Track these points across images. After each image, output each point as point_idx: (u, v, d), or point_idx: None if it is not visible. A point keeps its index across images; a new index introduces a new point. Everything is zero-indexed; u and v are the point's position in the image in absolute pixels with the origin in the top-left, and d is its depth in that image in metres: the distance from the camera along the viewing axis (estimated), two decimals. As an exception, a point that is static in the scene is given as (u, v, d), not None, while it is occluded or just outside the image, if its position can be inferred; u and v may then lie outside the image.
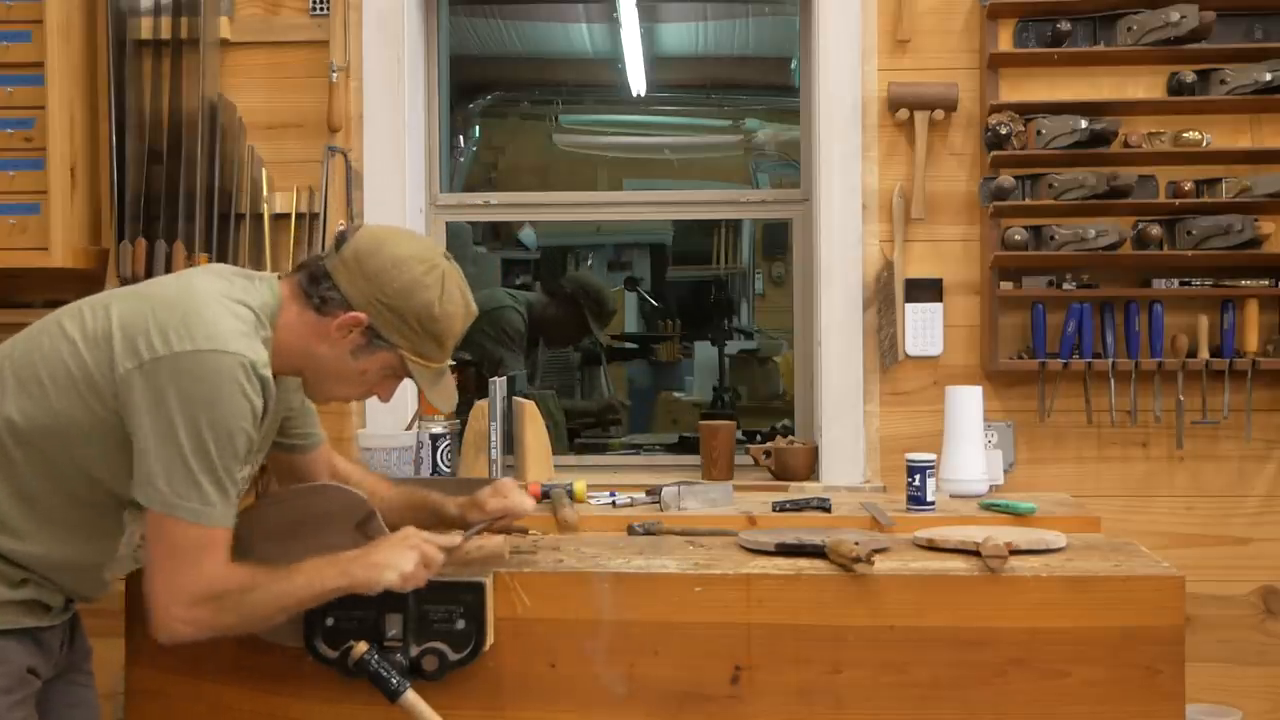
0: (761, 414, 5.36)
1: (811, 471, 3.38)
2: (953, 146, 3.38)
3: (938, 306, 3.37)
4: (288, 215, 3.40)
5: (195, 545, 1.89)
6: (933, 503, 2.70)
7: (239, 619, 1.96)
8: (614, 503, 2.82)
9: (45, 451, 1.93)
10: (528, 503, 2.32)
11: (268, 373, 1.95)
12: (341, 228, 2.06)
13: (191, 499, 1.88)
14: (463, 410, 3.38)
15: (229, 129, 3.40)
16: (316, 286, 2.04)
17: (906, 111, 3.34)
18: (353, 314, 2.02)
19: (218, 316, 1.93)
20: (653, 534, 2.56)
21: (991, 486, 3.07)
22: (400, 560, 2.03)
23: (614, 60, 5.68)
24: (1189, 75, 3.26)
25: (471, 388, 3.60)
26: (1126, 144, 3.27)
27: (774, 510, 2.72)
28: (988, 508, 2.73)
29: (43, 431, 1.93)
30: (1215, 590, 3.32)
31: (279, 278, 2.10)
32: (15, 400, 1.94)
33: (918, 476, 2.70)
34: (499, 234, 6.40)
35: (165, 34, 3.39)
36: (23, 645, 1.98)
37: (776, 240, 6.57)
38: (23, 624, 1.98)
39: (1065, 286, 3.32)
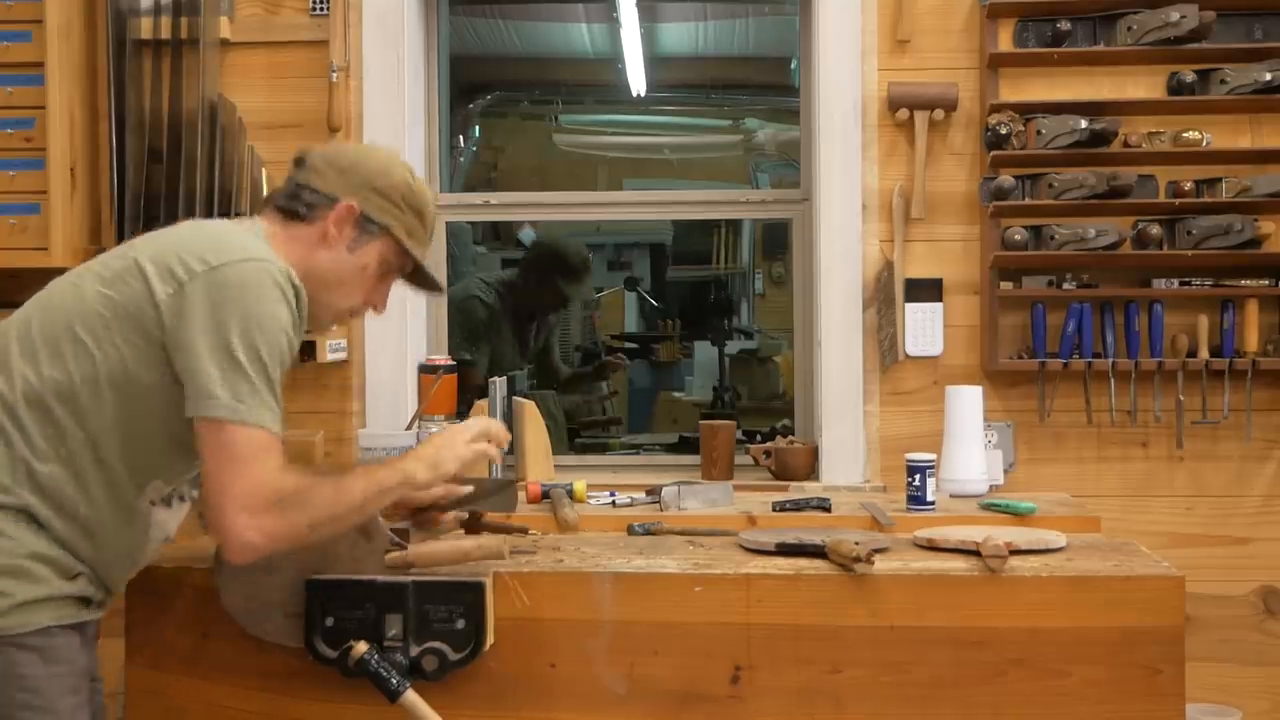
0: (761, 414, 5.36)
1: (811, 471, 3.38)
2: (953, 146, 3.38)
3: (938, 306, 3.38)
4: (288, 215, 3.40)
5: (258, 449, 1.88)
6: (933, 503, 2.71)
7: (307, 521, 1.92)
8: (614, 503, 2.82)
9: (91, 411, 1.92)
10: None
11: (299, 282, 1.99)
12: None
13: (251, 402, 1.88)
14: (463, 410, 3.39)
15: (229, 129, 3.40)
16: (297, 200, 2.10)
17: (906, 111, 3.34)
18: (346, 203, 2.08)
19: (243, 238, 2.00)
20: (653, 534, 2.56)
21: (991, 486, 3.07)
22: (457, 446, 2.11)
23: (614, 60, 5.68)
24: (1189, 75, 3.26)
25: (471, 388, 3.60)
26: (1126, 144, 3.27)
27: (774, 510, 2.72)
28: (988, 508, 2.73)
29: (89, 386, 1.91)
30: (1215, 590, 3.32)
31: (253, 219, 2.16)
32: (52, 362, 1.93)
33: (918, 476, 2.70)
34: (499, 234, 6.40)
35: (165, 34, 3.39)
36: (81, 642, 1.97)
37: (776, 240, 6.57)
38: (80, 618, 1.97)
39: (1065, 286, 3.32)
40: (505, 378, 3.35)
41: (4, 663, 1.85)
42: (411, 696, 2.09)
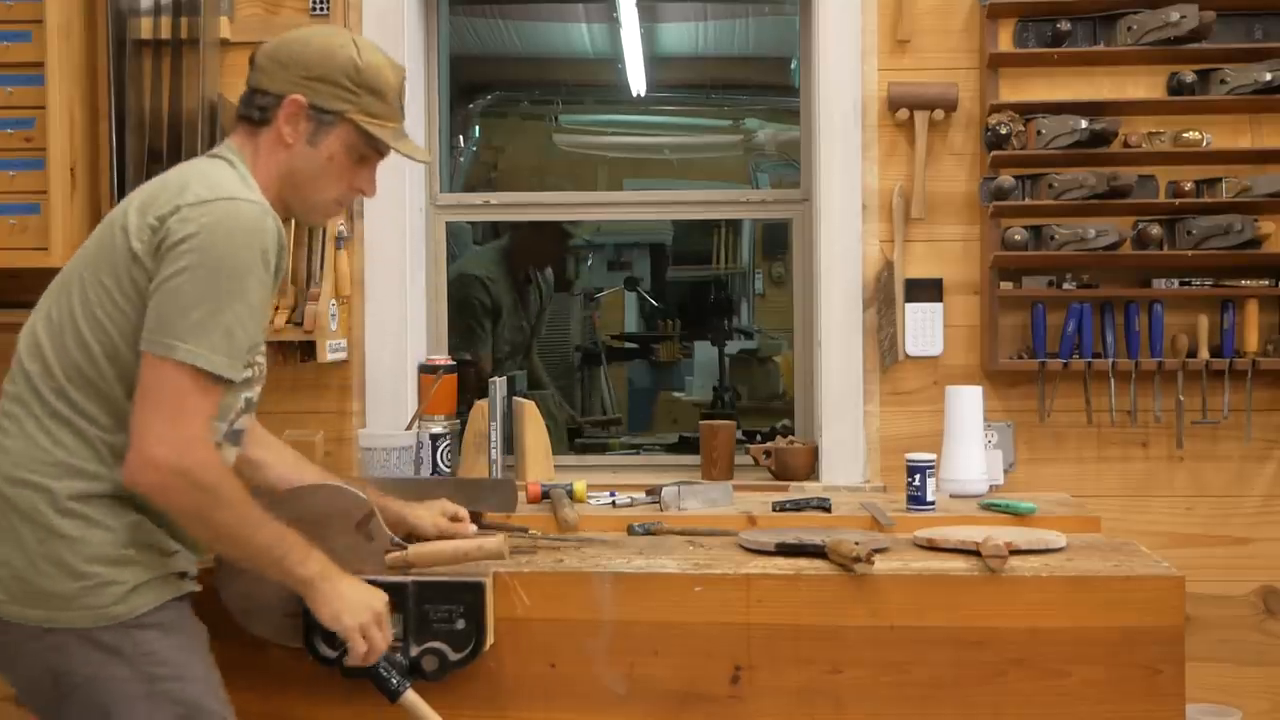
0: (761, 414, 5.36)
1: (811, 471, 3.38)
2: (953, 146, 3.38)
3: (938, 306, 3.38)
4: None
5: (193, 392, 1.85)
6: (933, 503, 2.71)
7: (211, 502, 1.88)
8: (614, 503, 2.82)
9: (129, 374, 1.92)
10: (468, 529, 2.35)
11: (276, 217, 1.98)
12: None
13: (199, 344, 1.85)
14: (462, 410, 3.39)
15: (229, 129, 3.38)
16: (250, 106, 2.08)
17: (906, 111, 3.34)
18: (290, 98, 2.04)
19: (218, 174, 1.98)
20: (653, 534, 2.56)
21: (991, 486, 3.07)
22: (358, 612, 2.02)
23: (614, 60, 5.68)
24: (1189, 75, 3.26)
25: (471, 387, 3.60)
26: (1126, 144, 3.27)
27: (774, 510, 2.72)
28: (988, 508, 2.74)
29: (114, 353, 1.92)
30: (1215, 590, 3.32)
31: (225, 141, 2.14)
32: (76, 342, 1.93)
33: (918, 476, 2.70)
34: (499, 234, 6.40)
35: (165, 34, 3.39)
36: (189, 611, 1.99)
37: (776, 240, 6.57)
38: (181, 590, 1.98)
39: (1065, 286, 3.32)
40: (505, 378, 3.35)
41: (130, 644, 1.88)
42: (411, 696, 2.09)
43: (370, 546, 2.17)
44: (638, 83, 5.85)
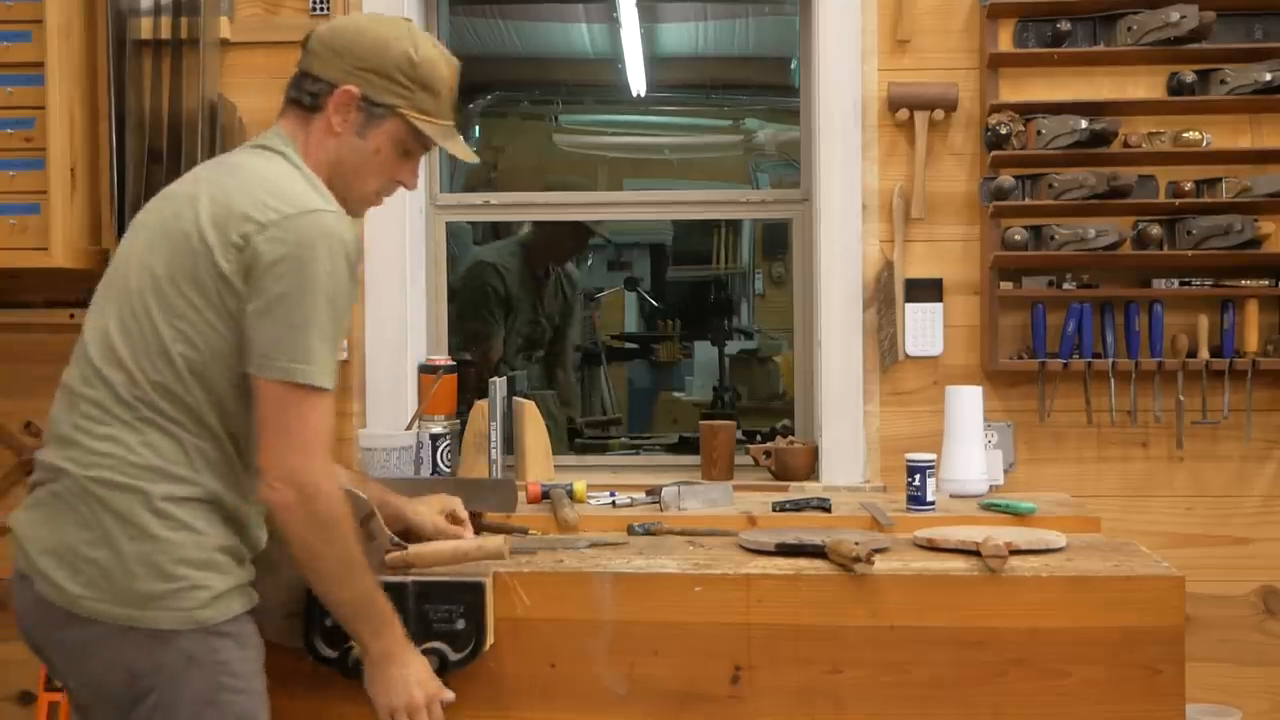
0: (761, 414, 5.35)
1: (811, 471, 3.38)
2: (953, 146, 3.38)
3: (938, 306, 3.38)
4: (288, 215, 3.40)
5: (315, 412, 1.91)
6: (933, 503, 2.71)
7: (340, 535, 1.93)
8: (614, 503, 2.82)
9: (209, 383, 1.92)
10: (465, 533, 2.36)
11: (350, 220, 1.98)
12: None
13: (314, 364, 1.89)
14: (462, 410, 3.39)
15: (229, 129, 3.40)
16: (301, 90, 2.06)
17: (906, 111, 3.34)
18: (343, 88, 2.02)
19: (287, 179, 1.96)
20: (653, 534, 2.56)
21: (991, 486, 3.07)
22: (415, 690, 2.05)
23: (614, 60, 5.68)
24: (1189, 75, 3.26)
25: (472, 387, 3.60)
26: (1126, 144, 3.27)
27: (774, 510, 2.72)
28: (988, 508, 2.74)
29: (197, 363, 1.91)
30: (1215, 590, 3.32)
31: (273, 124, 2.11)
32: (158, 351, 1.91)
33: (918, 476, 2.70)
34: (499, 234, 6.40)
35: (165, 34, 3.39)
36: (254, 626, 2.00)
37: (776, 240, 6.57)
38: (252, 602, 1.99)
39: (1065, 286, 3.32)
40: (505, 378, 3.35)
41: (206, 650, 1.88)
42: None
43: (370, 546, 2.17)
44: (638, 83, 5.84)
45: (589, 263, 7.18)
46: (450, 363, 3.35)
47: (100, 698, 1.90)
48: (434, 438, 3.17)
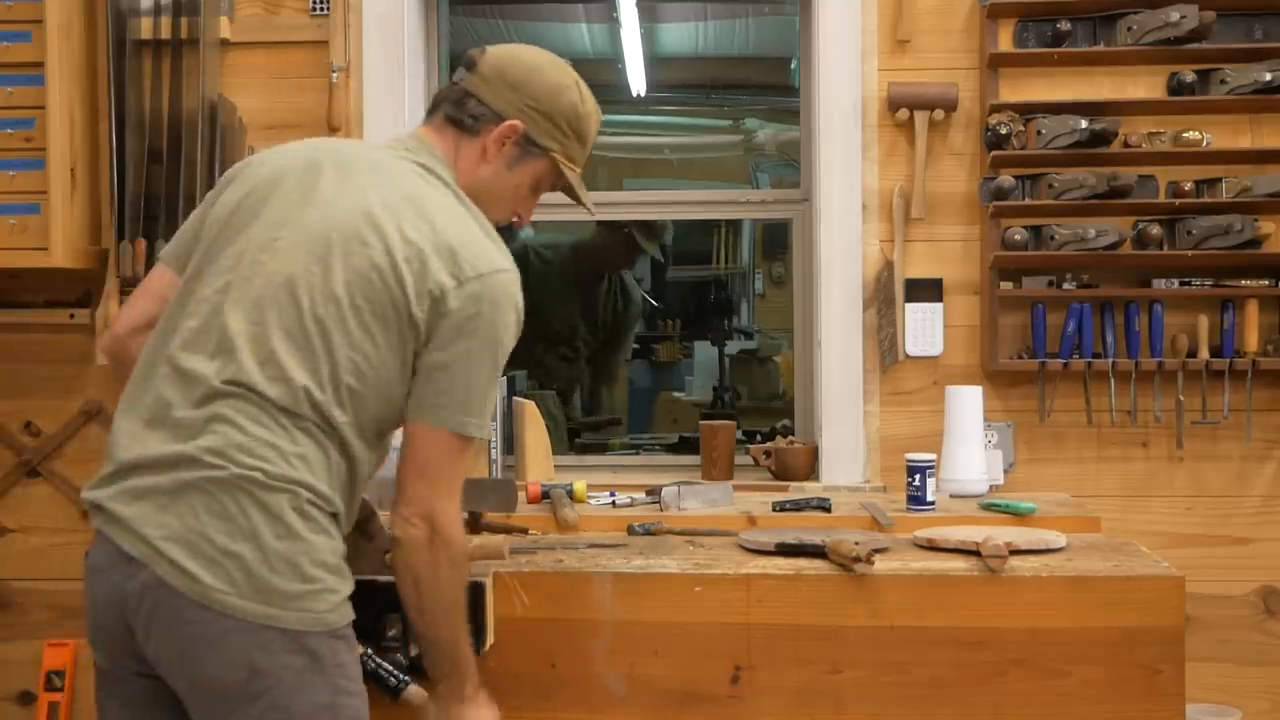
0: (761, 414, 5.35)
1: (811, 471, 3.38)
2: (953, 146, 3.38)
3: (938, 306, 3.38)
4: (288, 215, 3.40)
5: (463, 459, 1.96)
6: (933, 503, 2.70)
7: (459, 579, 1.98)
8: (614, 503, 2.82)
9: (362, 405, 1.93)
10: None
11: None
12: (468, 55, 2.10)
13: (482, 418, 1.95)
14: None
15: (229, 129, 3.40)
16: (463, 109, 2.07)
17: (906, 111, 3.34)
18: (510, 123, 2.05)
19: (474, 231, 1.99)
20: (653, 534, 2.56)
21: (991, 486, 3.07)
22: None
23: (614, 60, 5.67)
24: (1189, 75, 3.26)
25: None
26: (1126, 144, 3.27)
27: (774, 510, 2.72)
28: (988, 508, 2.73)
29: (358, 385, 1.91)
30: (1215, 590, 3.32)
31: (418, 133, 2.10)
32: (329, 368, 1.90)
33: (918, 476, 2.70)
34: (499, 233, 6.39)
35: (165, 34, 3.39)
36: None
37: (776, 240, 6.56)
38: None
39: (1065, 286, 3.32)
40: (504, 377, 3.34)
41: (330, 652, 1.88)
42: (414, 690, 2.09)
43: (370, 546, 2.17)
44: (638, 83, 5.84)
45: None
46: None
47: (207, 693, 1.86)
48: (434, 438, 3.16)
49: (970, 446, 2.92)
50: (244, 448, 1.84)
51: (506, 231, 2.15)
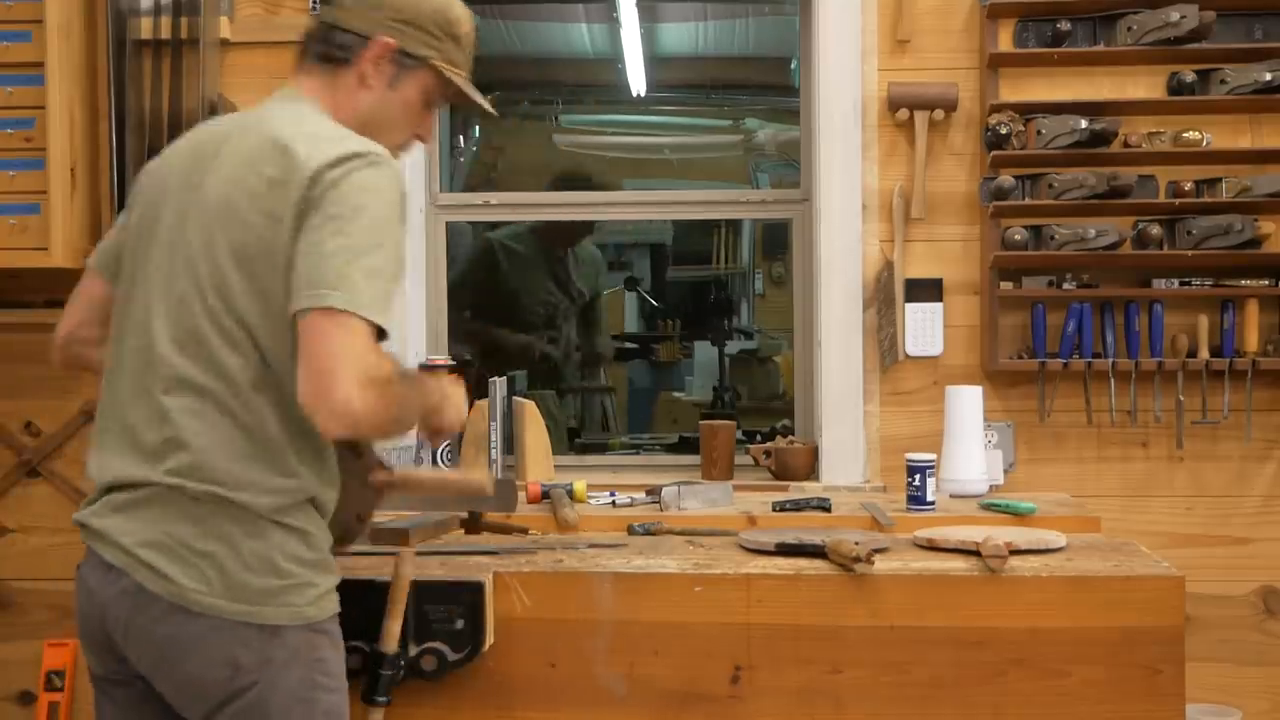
0: (761, 414, 5.35)
1: (811, 471, 3.38)
2: (953, 146, 3.38)
3: (938, 306, 3.38)
4: (288, 215, 3.40)
5: (368, 337, 1.81)
6: (933, 503, 2.71)
7: (393, 415, 1.85)
8: (614, 503, 2.82)
9: (282, 363, 1.85)
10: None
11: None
12: None
13: (368, 292, 1.81)
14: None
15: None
16: (330, 43, 2.03)
17: (906, 111, 3.34)
18: (379, 40, 2.01)
19: (332, 127, 1.94)
20: (653, 534, 2.56)
21: (991, 486, 3.07)
22: (461, 403, 2.10)
23: (614, 60, 5.68)
24: (1189, 75, 3.26)
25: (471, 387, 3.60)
26: (1126, 144, 3.27)
27: (774, 510, 2.72)
28: (988, 508, 2.74)
29: (271, 355, 1.85)
30: (1215, 590, 3.32)
31: (288, 83, 2.08)
32: (233, 341, 1.84)
33: (918, 476, 2.70)
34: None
35: (165, 34, 3.39)
36: None
37: (776, 240, 6.56)
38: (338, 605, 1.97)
39: (1065, 286, 3.32)
40: (505, 378, 3.35)
41: (309, 646, 1.88)
42: (376, 715, 2.10)
43: (359, 464, 2.10)
44: (638, 83, 5.84)
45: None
46: (450, 362, 3.35)
47: (192, 693, 1.87)
48: (434, 438, 3.17)
49: (970, 446, 2.92)
50: (203, 466, 1.84)
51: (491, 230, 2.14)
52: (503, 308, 4.52)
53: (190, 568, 1.82)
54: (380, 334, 1.83)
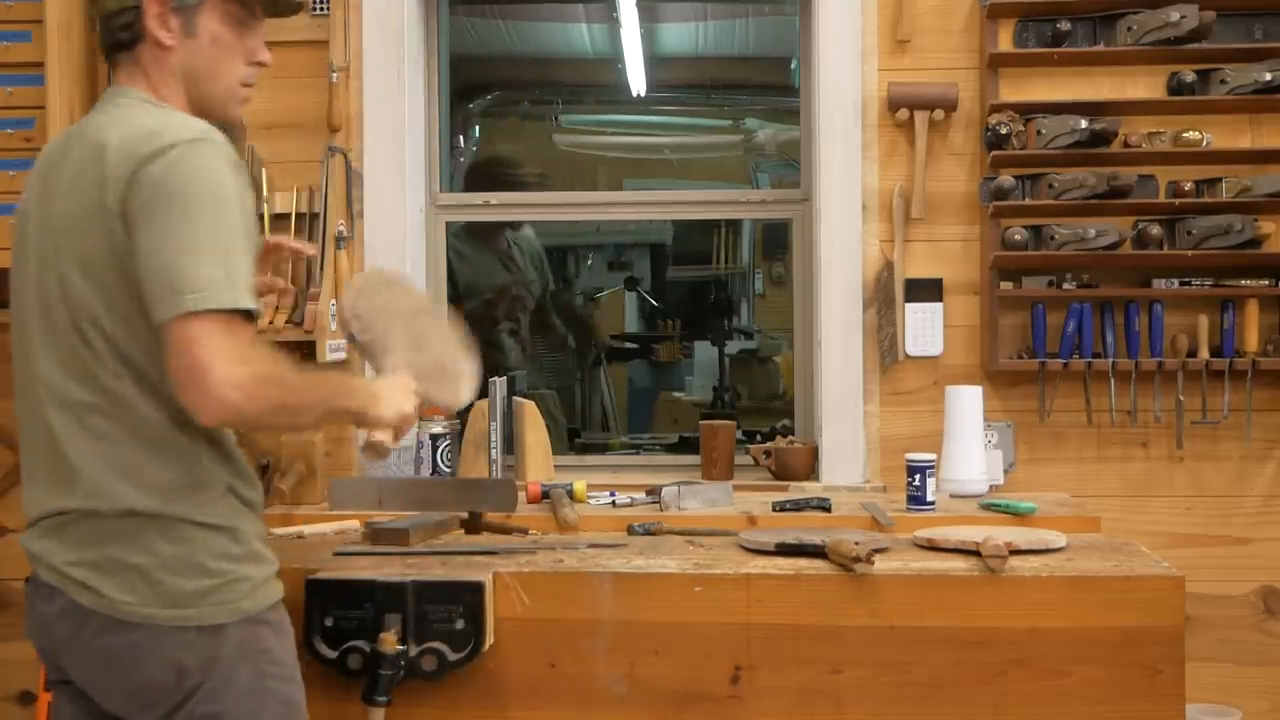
0: (761, 414, 5.35)
1: (811, 471, 3.38)
2: (953, 146, 3.38)
3: (938, 306, 3.38)
4: (288, 215, 3.40)
5: (233, 324, 1.78)
6: (933, 503, 2.71)
7: (279, 399, 1.81)
8: (614, 503, 2.82)
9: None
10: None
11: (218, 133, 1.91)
12: None
13: (218, 281, 1.77)
14: (463, 410, 3.38)
15: (229, 129, 3.38)
16: (113, 31, 2.01)
17: (906, 111, 3.34)
18: (146, 2, 1.97)
19: (147, 116, 1.91)
20: (653, 534, 2.56)
21: (991, 486, 3.07)
22: (402, 400, 2.05)
23: (614, 60, 5.68)
24: (1189, 75, 3.26)
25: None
26: (1126, 144, 3.27)
27: (774, 510, 2.72)
28: (988, 508, 2.74)
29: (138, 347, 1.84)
30: (1215, 590, 3.32)
31: (112, 86, 2.05)
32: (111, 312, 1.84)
33: (918, 476, 2.70)
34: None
35: (165, 34, 3.38)
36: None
37: (776, 240, 6.56)
38: (282, 590, 1.96)
39: (1065, 286, 3.32)
40: (505, 378, 3.35)
41: (252, 639, 1.88)
42: (377, 715, 2.10)
43: None
44: (638, 83, 5.84)
45: (589, 263, 7.18)
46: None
47: (142, 703, 1.87)
48: (434, 438, 3.17)
49: (970, 446, 2.92)
50: (103, 487, 1.84)
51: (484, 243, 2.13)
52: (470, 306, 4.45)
53: (121, 581, 1.84)
54: (248, 315, 1.81)
